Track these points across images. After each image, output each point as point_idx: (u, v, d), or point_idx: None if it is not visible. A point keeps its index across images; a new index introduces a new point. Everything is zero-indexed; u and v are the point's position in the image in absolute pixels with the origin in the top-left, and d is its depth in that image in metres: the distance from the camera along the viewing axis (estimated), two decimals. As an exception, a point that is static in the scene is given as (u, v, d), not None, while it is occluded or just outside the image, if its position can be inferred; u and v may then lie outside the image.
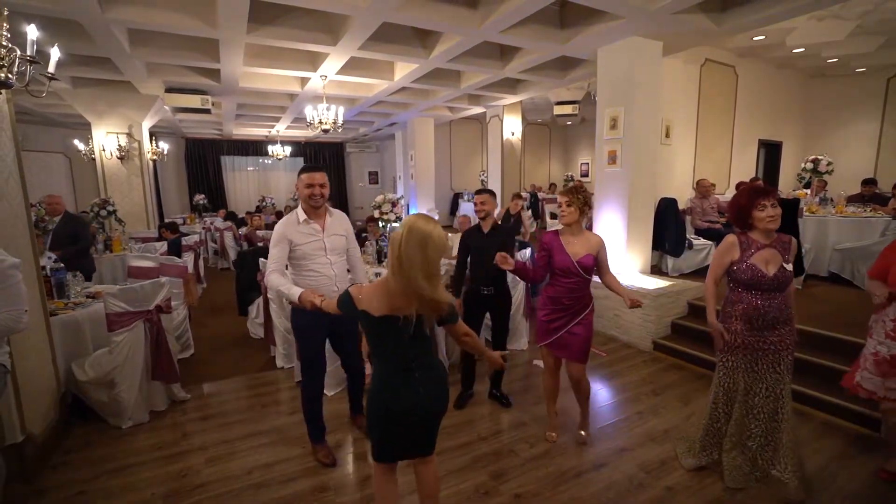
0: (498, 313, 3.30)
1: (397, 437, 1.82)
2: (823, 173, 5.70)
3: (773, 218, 2.26)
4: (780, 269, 2.27)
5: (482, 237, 3.24)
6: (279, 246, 2.48)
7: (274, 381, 3.86)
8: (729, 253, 2.39)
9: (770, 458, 2.42)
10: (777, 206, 2.28)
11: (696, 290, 4.74)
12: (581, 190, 2.73)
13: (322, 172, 2.55)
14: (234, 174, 14.50)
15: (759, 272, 2.28)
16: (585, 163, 13.95)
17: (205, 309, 5.96)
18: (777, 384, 2.36)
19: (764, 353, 2.35)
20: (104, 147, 7.27)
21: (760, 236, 2.33)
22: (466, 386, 3.44)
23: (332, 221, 2.64)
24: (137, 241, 6.59)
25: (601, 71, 5.17)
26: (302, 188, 2.51)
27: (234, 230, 9.10)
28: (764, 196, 2.28)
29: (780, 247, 2.31)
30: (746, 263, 2.31)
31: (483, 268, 3.18)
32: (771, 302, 2.29)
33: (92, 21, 4.14)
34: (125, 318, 3.05)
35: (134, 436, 3.01)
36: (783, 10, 4.00)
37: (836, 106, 8.10)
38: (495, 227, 3.26)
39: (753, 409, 2.42)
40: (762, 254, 2.30)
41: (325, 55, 5.46)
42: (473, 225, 3.39)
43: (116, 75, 6.04)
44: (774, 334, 2.33)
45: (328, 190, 2.57)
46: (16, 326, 1.91)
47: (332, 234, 2.62)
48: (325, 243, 2.58)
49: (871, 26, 5.85)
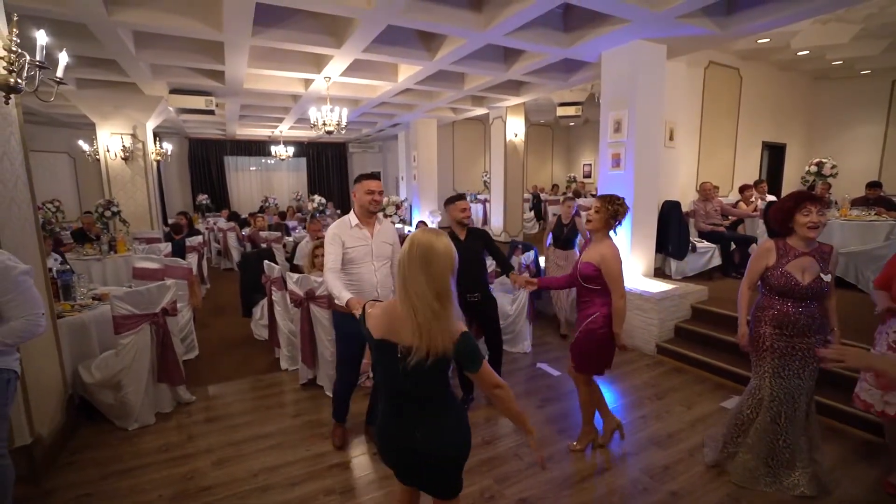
0: (487, 319, 3.31)
1: (401, 468, 1.65)
2: (828, 176, 5.69)
3: (814, 225, 2.22)
4: (816, 278, 2.24)
5: (459, 244, 3.18)
6: (334, 245, 2.61)
7: (279, 384, 3.87)
8: (765, 258, 2.37)
9: (786, 461, 2.40)
10: (823, 214, 2.25)
11: (700, 293, 4.75)
12: (616, 201, 2.59)
13: (379, 181, 2.74)
14: (237, 174, 14.53)
15: (794, 280, 2.25)
16: (588, 164, 13.94)
17: (208, 310, 5.99)
18: (799, 390, 2.34)
19: (791, 359, 2.33)
20: (108, 148, 7.31)
21: (799, 243, 2.30)
22: (466, 391, 3.43)
23: (381, 229, 2.77)
24: (141, 242, 6.62)
25: (605, 74, 5.17)
26: (362, 194, 2.66)
27: (237, 231, 9.12)
28: (812, 201, 2.25)
29: (819, 256, 2.28)
30: (781, 270, 2.29)
31: (466, 275, 3.14)
32: (803, 310, 2.27)
33: (98, 24, 4.16)
34: (132, 321, 3.07)
35: (140, 437, 3.03)
36: (788, 14, 3.99)
37: (841, 108, 8.08)
38: (470, 231, 3.29)
39: (778, 416, 2.38)
40: (800, 261, 2.27)
41: (329, 57, 5.48)
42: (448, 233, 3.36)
43: (121, 77, 6.07)
44: (804, 341, 2.30)
45: (384, 196, 2.77)
46: (35, 330, 1.97)
47: (380, 241, 2.74)
48: (373, 248, 2.70)
49: (876, 29, 5.84)
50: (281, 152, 11.80)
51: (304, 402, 3.55)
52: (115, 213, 6.54)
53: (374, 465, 2.73)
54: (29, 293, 1.94)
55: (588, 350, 2.69)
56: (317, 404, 3.49)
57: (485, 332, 3.38)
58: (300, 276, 3.64)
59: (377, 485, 2.58)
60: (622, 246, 5.08)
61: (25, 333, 1.93)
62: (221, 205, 13.30)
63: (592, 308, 2.66)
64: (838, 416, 3.14)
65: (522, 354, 4.50)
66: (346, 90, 7.49)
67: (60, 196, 9.86)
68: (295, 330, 3.88)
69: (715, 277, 5.61)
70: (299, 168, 15.34)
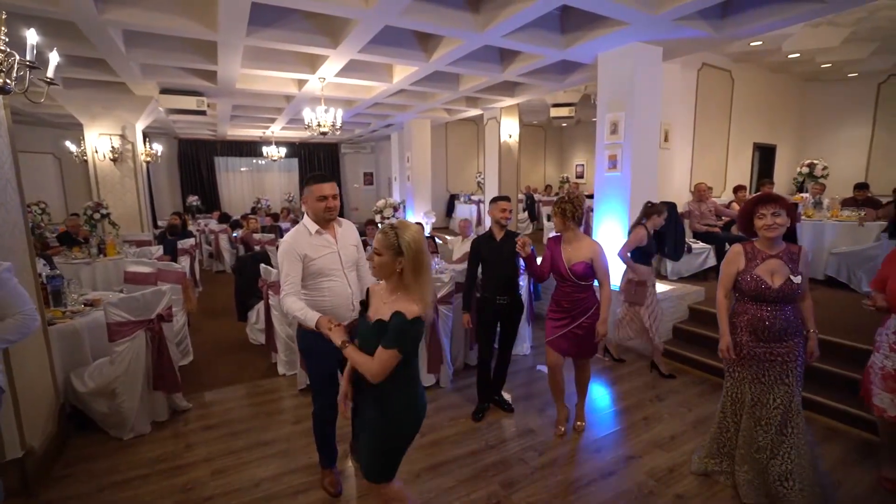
0: (510, 322, 3.28)
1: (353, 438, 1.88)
2: (819, 177, 5.77)
3: (769, 227, 2.21)
4: (786, 281, 2.21)
5: (495, 245, 3.18)
6: (291, 262, 2.23)
7: (277, 389, 3.81)
8: (735, 262, 2.36)
9: (779, 474, 2.32)
10: (780, 215, 2.20)
11: (697, 294, 4.78)
12: (567, 200, 2.79)
13: (333, 183, 2.35)
14: (228, 175, 14.34)
15: (764, 283, 2.23)
16: (581, 164, 14.00)
17: (202, 314, 5.89)
18: (786, 395, 2.30)
19: (772, 364, 2.30)
20: (97, 149, 7.15)
21: (765, 246, 2.30)
22: (483, 398, 3.38)
23: (342, 231, 2.44)
24: (132, 245, 6.49)
25: (602, 76, 5.18)
26: (313, 201, 2.28)
27: (228, 232, 9.00)
28: (763, 204, 2.24)
29: (788, 258, 2.25)
30: (751, 275, 2.27)
31: (498, 277, 3.16)
32: (778, 314, 2.25)
33: (88, 23, 4.05)
34: (126, 328, 2.99)
35: (136, 447, 2.96)
36: (781, 18, 4.03)
37: (829, 110, 8.21)
38: (508, 233, 3.21)
39: (761, 421, 2.35)
40: (768, 264, 2.26)
41: (324, 58, 5.41)
42: (485, 232, 3.32)
43: (111, 76, 5.94)
44: (783, 346, 2.27)
45: (339, 201, 2.38)
46: (32, 325, 1.96)
47: (345, 244, 2.42)
48: (341, 255, 2.37)
49: (865, 33, 5.93)
50: (273, 153, 11.67)
51: (304, 407, 3.49)
52: (105, 215, 6.40)
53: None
54: (16, 290, 1.95)
55: (588, 340, 2.90)
56: (316, 410, 3.44)
57: (503, 335, 3.32)
58: (299, 280, 3.58)
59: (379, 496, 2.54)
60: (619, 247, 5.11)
61: (23, 328, 1.93)
62: (212, 206, 13.12)
63: (587, 303, 2.87)
64: (839, 416, 3.17)
65: (522, 356, 4.49)
66: (341, 91, 7.42)
67: (46, 198, 9.63)
68: (292, 334, 3.82)
69: (710, 278, 5.65)
70: (291, 169, 15.19)
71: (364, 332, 1.75)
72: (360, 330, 1.79)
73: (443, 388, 3.79)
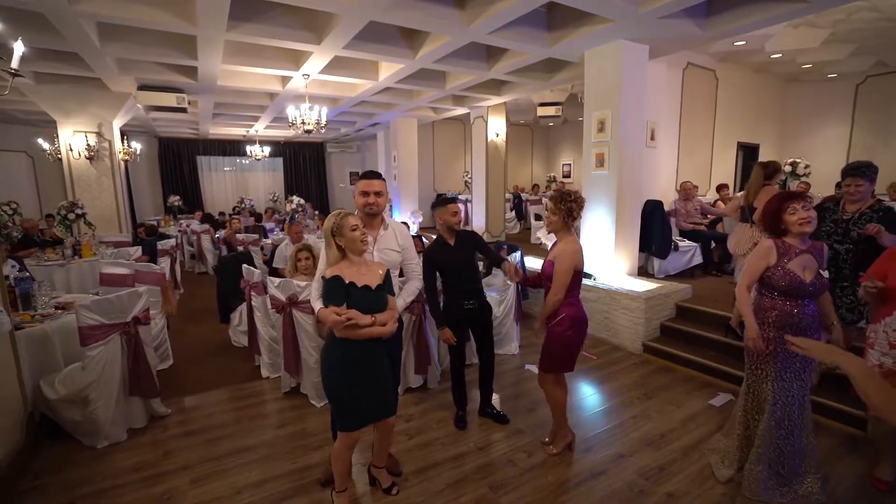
0: (482, 326, 3.14)
1: None
2: (802, 176, 5.85)
3: (805, 220, 2.23)
4: (816, 275, 2.25)
5: (451, 251, 3.01)
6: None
7: (260, 392, 3.71)
8: (766, 258, 2.33)
9: (795, 469, 2.33)
10: (810, 208, 2.25)
11: (684, 291, 4.80)
12: (568, 198, 2.56)
13: (380, 180, 2.44)
14: (211, 175, 14.05)
15: (797, 278, 2.24)
16: (568, 163, 14.06)
17: (183, 316, 5.73)
18: (801, 392, 2.31)
19: (792, 362, 2.31)
20: (71, 147, 6.92)
21: (797, 241, 2.30)
22: (461, 405, 3.23)
23: (385, 235, 2.50)
24: (109, 246, 6.29)
25: (588, 74, 5.18)
26: (357, 196, 2.44)
27: (211, 233, 8.80)
28: (793, 200, 2.28)
29: (816, 253, 2.29)
30: (783, 269, 2.27)
31: (461, 282, 3.01)
32: (804, 309, 2.27)
33: (58, 14, 3.89)
34: (100, 331, 2.87)
35: (111, 456, 2.83)
36: (764, 17, 4.07)
37: (810, 110, 8.37)
38: (459, 235, 3.06)
39: (783, 421, 2.34)
40: (800, 259, 2.27)
41: (308, 54, 5.31)
42: (435, 241, 3.11)
43: (85, 71, 5.74)
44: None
45: (385, 199, 2.48)
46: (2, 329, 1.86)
47: (383, 247, 2.47)
48: (375, 257, 2.42)
49: (843, 34, 6.04)
50: (256, 152, 11.47)
51: (288, 411, 3.40)
52: (80, 215, 6.19)
53: (364, 476, 2.62)
54: None
55: (553, 351, 2.69)
56: (301, 413, 3.35)
57: (477, 341, 3.21)
58: (282, 281, 3.49)
59: (370, 497, 2.48)
60: (608, 246, 5.14)
61: None
62: (195, 206, 12.84)
63: (559, 309, 2.63)
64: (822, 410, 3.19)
65: (510, 356, 4.45)
66: (326, 88, 7.31)
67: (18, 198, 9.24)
68: (277, 336, 3.72)
69: (696, 276, 5.71)
70: (276, 168, 14.97)
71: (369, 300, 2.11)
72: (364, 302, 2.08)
73: (431, 389, 3.73)
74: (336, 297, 2.03)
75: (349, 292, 2.06)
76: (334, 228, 2.12)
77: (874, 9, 5.17)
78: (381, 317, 2.10)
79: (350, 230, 2.10)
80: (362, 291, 2.09)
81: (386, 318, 2.12)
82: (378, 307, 2.11)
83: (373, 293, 2.12)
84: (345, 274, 2.08)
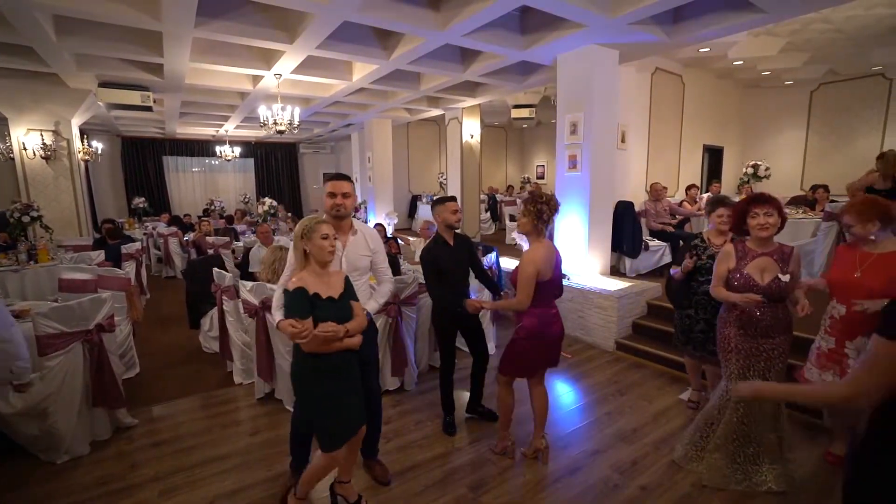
0: (472, 325, 3.10)
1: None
2: (762, 177, 6.13)
3: (762, 226, 2.31)
4: (774, 279, 2.31)
5: (451, 252, 2.93)
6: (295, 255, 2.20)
7: (232, 399, 3.61)
8: (726, 261, 2.46)
9: (751, 458, 2.45)
10: (772, 215, 2.30)
11: (655, 290, 4.94)
12: (539, 200, 2.48)
13: (348, 182, 2.41)
14: (178, 175, 13.59)
15: (752, 281, 2.33)
16: (542, 165, 14.27)
17: (150, 322, 5.52)
18: None
19: (756, 360, 2.40)
20: (25, 145, 6.56)
21: (756, 244, 2.40)
22: (449, 411, 3.16)
23: (355, 241, 2.43)
24: (68, 250, 5.99)
25: (561, 77, 5.28)
26: (325, 198, 2.41)
27: (179, 236, 8.50)
28: (758, 204, 2.34)
29: (779, 257, 2.35)
30: (741, 273, 2.37)
31: (458, 284, 2.96)
32: (765, 311, 2.35)
33: (9, 4, 3.69)
34: (60, 340, 2.73)
35: (73, 471, 2.69)
36: (727, 25, 4.25)
37: (769, 115, 8.78)
38: (458, 237, 3.00)
39: (744, 417, 2.44)
40: (757, 262, 2.36)
41: (280, 53, 5.21)
42: (433, 240, 2.99)
43: (40, 66, 5.46)
44: (768, 342, 2.38)
45: (353, 201, 2.44)
46: None
47: (354, 253, 2.42)
48: (343, 263, 2.37)
49: (799, 43, 6.37)
50: (227, 152, 11.17)
51: (262, 417, 3.32)
52: (35, 218, 5.86)
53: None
54: None
55: (508, 354, 2.67)
56: (276, 420, 3.27)
57: (472, 340, 3.15)
58: (255, 284, 3.41)
59: (346, 503, 2.44)
60: (580, 246, 5.24)
61: None
62: (160, 208, 12.38)
63: (520, 316, 2.58)
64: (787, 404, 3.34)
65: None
66: (298, 88, 7.19)
67: (-33, 200, 8.75)
68: (249, 341, 3.63)
69: (666, 274, 5.86)
70: (247, 169, 14.61)
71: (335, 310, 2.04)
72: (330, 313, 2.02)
73: (408, 392, 3.71)
74: (301, 310, 1.94)
75: (314, 304, 1.99)
76: (304, 231, 2.06)
77: (826, 20, 5.47)
78: (352, 326, 2.05)
79: (320, 237, 2.03)
80: (327, 303, 2.02)
81: (356, 326, 2.08)
82: (345, 316, 2.05)
83: (338, 303, 2.07)
84: (308, 284, 2.00)
